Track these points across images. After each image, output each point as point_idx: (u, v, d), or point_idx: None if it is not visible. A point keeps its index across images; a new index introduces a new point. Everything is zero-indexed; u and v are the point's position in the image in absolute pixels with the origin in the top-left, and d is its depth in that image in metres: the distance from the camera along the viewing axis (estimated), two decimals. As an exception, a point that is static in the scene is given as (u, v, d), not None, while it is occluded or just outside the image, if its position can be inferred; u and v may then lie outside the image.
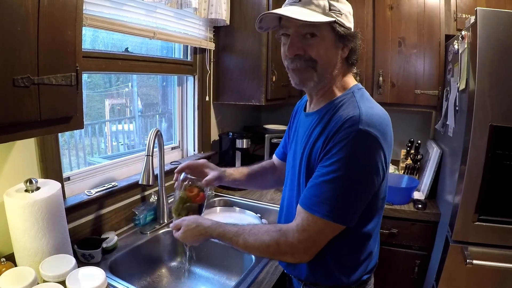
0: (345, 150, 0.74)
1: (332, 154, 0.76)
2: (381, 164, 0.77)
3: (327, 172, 0.76)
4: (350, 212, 0.77)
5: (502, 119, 1.29)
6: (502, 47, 1.26)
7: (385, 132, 0.77)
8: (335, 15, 0.78)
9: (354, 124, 0.74)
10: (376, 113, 0.78)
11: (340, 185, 0.75)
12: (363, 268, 0.90)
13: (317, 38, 0.79)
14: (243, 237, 0.85)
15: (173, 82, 1.91)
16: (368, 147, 0.74)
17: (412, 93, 1.93)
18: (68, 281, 0.85)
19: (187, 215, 0.99)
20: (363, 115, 0.75)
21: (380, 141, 0.75)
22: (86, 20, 1.15)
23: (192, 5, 1.54)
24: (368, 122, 0.74)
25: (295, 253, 0.80)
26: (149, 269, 1.34)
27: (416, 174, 2.05)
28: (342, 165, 0.74)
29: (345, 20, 0.80)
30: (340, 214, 0.76)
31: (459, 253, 1.41)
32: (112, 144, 2.04)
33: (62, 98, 0.81)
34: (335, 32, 0.79)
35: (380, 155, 0.76)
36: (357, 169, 0.75)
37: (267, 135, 2.08)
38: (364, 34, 1.98)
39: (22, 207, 0.91)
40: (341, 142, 0.74)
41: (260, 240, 0.83)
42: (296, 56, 0.81)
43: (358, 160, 0.75)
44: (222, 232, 0.89)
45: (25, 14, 0.69)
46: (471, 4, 1.81)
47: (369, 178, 0.76)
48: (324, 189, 0.76)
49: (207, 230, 0.91)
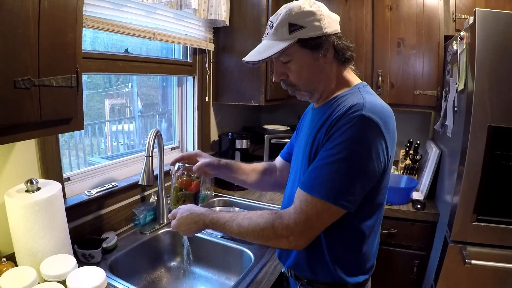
0: (347, 134, 0.75)
1: (334, 138, 0.77)
2: (381, 151, 0.77)
3: (328, 155, 0.77)
4: (349, 195, 0.76)
5: (501, 119, 1.29)
6: (501, 47, 1.27)
7: (387, 122, 0.79)
8: (297, 34, 0.81)
9: (357, 110, 0.76)
10: (379, 104, 0.81)
11: (340, 167, 0.76)
12: (361, 266, 0.90)
13: (292, 61, 0.85)
14: (237, 222, 0.85)
15: (173, 83, 1.92)
16: (370, 131, 0.76)
17: (411, 93, 1.94)
18: (69, 280, 0.86)
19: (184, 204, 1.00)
20: (367, 103, 0.78)
21: (381, 129, 0.76)
22: (86, 22, 1.16)
23: (191, 6, 1.54)
24: (371, 110, 0.77)
25: (291, 236, 0.79)
26: (148, 269, 1.35)
27: (415, 174, 2.06)
28: (343, 147, 0.76)
29: (311, 30, 0.82)
30: (340, 196, 0.76)
31: (458, 253, 1.41)
32: (112, 144, 2.05)
33: (62, 99, 0.82)
34: (305, 47, 0.83)
35: (381, 142, 0.77)
36: (358, 152, 0.76)
37: (266, 136, 2.09)
38: (363, 35, 1.99)
39: (23, 208, 0.91)
40: (344, 126, 0.76)
41: (255, 223, 0.82)
42: (281, 81, 0.90)
43: (360, 144, 0.76)
44: (215, 218, 0.89)
45: (26, 16, 0.70)
46: (470, 5, 1.81)
47: (369, 163, 0.76)
48: (325, 171, 0.77)
49: (200, 217, 0.91)
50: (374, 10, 1.95)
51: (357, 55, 1.99)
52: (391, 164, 0.86)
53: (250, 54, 0.88)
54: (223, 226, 0.87)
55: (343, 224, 0.83)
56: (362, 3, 1.97)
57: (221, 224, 0.87)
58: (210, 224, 0.89)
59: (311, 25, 0.81)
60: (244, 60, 0.88)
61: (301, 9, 0.82)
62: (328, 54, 0.85)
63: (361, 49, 1.99)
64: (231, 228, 0.85)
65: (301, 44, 0.82)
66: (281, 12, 0.84)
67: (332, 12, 0.87)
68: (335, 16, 0.87)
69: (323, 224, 0.80)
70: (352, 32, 2.00)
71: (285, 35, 0.82)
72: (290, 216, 0.79)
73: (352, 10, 2.00)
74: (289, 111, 2.66)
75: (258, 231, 0.81)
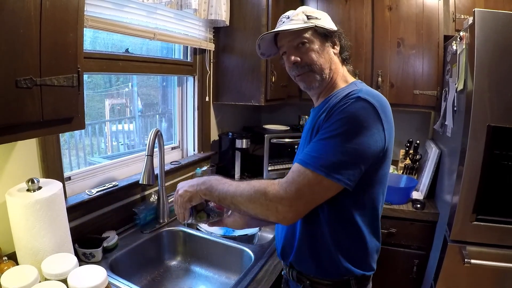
0: (343, 113, 0.79)
1: (331, 119, 0.80)
2: (377, 130, 0.79)
3: (325, 133, 0.80)
4: (342, 168, 0.76)
5: (500, 119, 1.30)
6: (500, 47, 1.27)
7: (384, 107, 0.82)
8: (314, 21, 0.91)
9: (354, 94, 0.81)
10: (376, 93, 0.85)
11: (335, 141, 0.77)
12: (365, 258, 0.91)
13: (307, 44, 0.91)
14: (236, 184, 0.85)
15: (173, 83, 1.92)
16: (366, 111, 0.78)
17: (411, 93, 1.94)
18: (70, 279, 0.86)
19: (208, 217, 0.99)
20: (364, 90, 0.83)
21: (377, 110, 0.79)
22: (87, 22, 1.16)
23: (192, 6, 1.55)
24: (368, 94, 0.81)
25: (279, 205, 0.77)
26: (149, 268, 1.35)
27: (414, 174, 2.06)
28: (339, 124, 0.78)
29: (325, 24, 0.92)
30: (332, 169, 0.75)
31: (457, 253, 1.42)
32: (112, 144, 2.05)
33: (64, 99, 0.82)
34: (319, 34, 0.92)
35: (377, 122, 0.79)
36: (354, 129, 0.77)
37: (266, 135, 2.09)
38: (363, 35, 1.99)
39: (24, 207, 0.91)
40: (340, 107, 0.80)
41: (250, 186, 0.82)
42: (295, 64, 0.93)
43: (355, 120, 0.78)
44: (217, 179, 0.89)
45: (28, 17, 0.70)
46: (469, 5, 1.82)
47: (364, 140, 0.77)
48: (320, 145, 0.79)
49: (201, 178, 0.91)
50: (374, 10, 1.96)
51: (357, 55, 2.02)
52: (389, 153, 0.86)
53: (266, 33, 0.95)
54: (223, 185, 0.86)
55: (344, 213, 0.84)
56: (362, 3, 1.97)
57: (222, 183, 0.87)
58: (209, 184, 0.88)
59: (324, 18, 0.93)
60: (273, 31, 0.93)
61: (312, 9, 0.94)
62: (336, 47, 0.95)
63: (361, 49, 1.99)
64: (229, 188, 0.85)
65: (316, 31, 0.91)
66: (294, 12, 0.93)
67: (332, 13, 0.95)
68: None
69: (314, 197, 0.79)
70: (352, 32, 2.00)
71: (304, 20, 0.91)
72: (282, 185, 0.79)
73: (352, 10, 2.00)
74: (289, 111, 2.67)
75: (252, 193, 0.81)
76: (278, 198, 0.77)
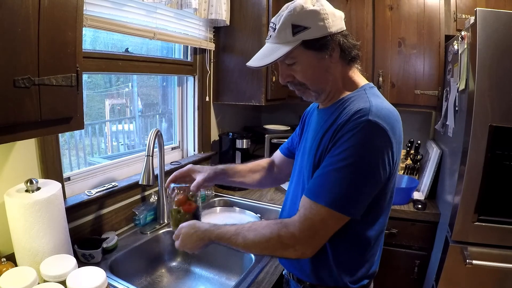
0: (354, 140, 0.74)
1: (340, 144, 0.76)
2: (388, 157, 0.76)
3: (334, 162, 0.76)
4: (355, 202, 0.76)
5: (502, 119, 1.29)
6: (502, 47, 1.26)
7: (394, 127, 0.77)
8: (301, 35, 0.79)
9: (364, 115, 0.74)
10: (386, 108, 0.79)
11: (346, 173, 0.74)
12: (364, 271, 0.89)
13: (297, 63, 0.83)
14: (243, 235, 0.83)
15: (173, 82, 1.91)
16: (376, 137, 0.74)
17: (412, 93, 1.94)
18: (69, 281, 0.86)
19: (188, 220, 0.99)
20: (373, 107, 0.76)
21: (389, 134, 0.75)
22: (87, 21, 1.16)
23: (192, 6, 1.54)
24: (378, 114, 0.75)
25: (297, 245, 0.77)
26: (149, 269, 1.35)
27: (416, 174, 2.05)
28: (349, 154, 0.74)
29: (315, 31, 0.79)
30: (345, 204, 0.75)
31: (459, 253, 1.41)
32: (112, 144, 2.04)
33: (62, 98, 0.81)
34: (310, 49, 0.80)
35: (388, 148, 0.75)
36: (364, 159, 0.74)
37: (267, 135, 2.08)
38: (364, 34, 1.98)
39: (23, 207, 0.91)
40: (350, 131, 0.75)
41: (260, 235, 0.81)
42: (288, 83, 0.88)
43: (366, 150, 0.74)
44: (221, 234, 0.87)
45: (26, 15, 0.69)
46: (470, 4, 1.81)
47: (376, 170, 0.75)
48: (330, 178, 0.76)
49: (205, 234, 0.90)
50: (374, 10, 1.95)
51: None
52: (397, 169, 0.84)
53: (254, 58, 0.86)
54: (228, 240, 0.86)
55: (348, 230, 0.82)
56: (362, 3, 1.96)
57: (227, 238, 0.86)
58: (216, 239, 0.88)
59: (315, 26, 0.78)
60: (248, 64, 0.86)
61: (303, 8, 0.78)
62: (334, 54, 0.82)
63: (361, 49, 1.96)
64: (237, 241, 0.84)
65: (306, 45, 0.80)
66: (283, 13, 0.80)
67: None
68: (340, 13, 0.83)
69: (329, 231, 0.78)
70: (353, 32, 1.99)
71: (289, 37, 0.79)
72: (295, 224, 0.77)
73: (353, 9, 2.00)
74: (290, 111, 2.66)
75: (264, 242, 0.80)
76: (294, 239, 0.77)
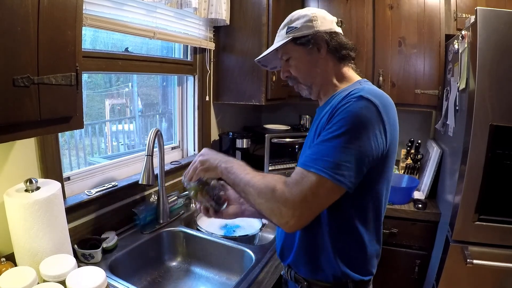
0: (345, 112, 0.78)
1: (333, 119, 0.80)
2: (379, 131, 0.77)
3: (326, 134, 0.79)
4: (345, 169, 0.74)
5: (502, 118, 1.29)
6: (502, 46, 1.26)
7: (387, 107, 0.80)
8: (291, 34, 0.94)
9: (356, 93, 0.80)
10: (379, 92, 0.84)
11: (336, 142, 0.76)
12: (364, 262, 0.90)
13: (291, 58, 0.97)
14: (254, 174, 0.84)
15: (173, 82, 1.91)
16: (367, 110, 0.77)
17: (412, 93, 1.93)
18: (68, 281, 0.85)
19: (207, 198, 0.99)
20: (366, 88, 0.83)
21: (379, 110, 0.78)
22: (86, 20, 1.15)
23: (192, 5, 1.54)
24: (370, 93, 0.80)
25: (283, 207, 0.75)
26: (149, 269, 1.34)
27: (416, 173, 2.05)
28: (340, 125, 0.77)
29: (302, 30, 0.93)
30: (334, 170, 0.74)
31: (459, 253, 1.41)
32: (112, 144, 2.04)
33: (62, 98, 0.81)
34: (299, 44, 0.94)
35: (379, 123, 0.78)
36: (354, 129, 0.76)
37: (267, 135, 2.08)
38: (364, 34, 1.98)
39: (22, 207, 0.91)
40: (342, 107, 0.80)
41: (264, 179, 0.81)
42: (287, 78, 1.01)
43: (357, 120, 0.76)
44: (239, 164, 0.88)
45: (25, 14, 0.69)
46: (471, 3, 1.81)
47: (366, 140, 0.76)
48: (322, 147, 0.78)
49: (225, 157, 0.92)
50: (375, 9, 1.95)
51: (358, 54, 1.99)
52: (392, 153, 0.85)
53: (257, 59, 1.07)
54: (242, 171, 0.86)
55: (344, 215, 0.84)
56: (363, 2, 1.96)
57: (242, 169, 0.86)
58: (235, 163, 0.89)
59: (304, 26, 0.93)
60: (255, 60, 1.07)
61: (299, 14, 0.95)
62: (322, 50, 0.93)
63: (362, 49, 1.98)
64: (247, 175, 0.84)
65: (295, 41, 0.94)
66: (286, 20, 0.97)
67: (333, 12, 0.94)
68: (331, 18, 0.96)
69: (318, 201, 0.77)
70: (353, 32, 1.99)
71: (283, 36, 0.95)
72: (288, 186, 0.77)
73: (353, 9, 1.99)
74: (290, 110, 2.66)
75: (262, 187, 0.79)
76: (283, 198, 0.76)
